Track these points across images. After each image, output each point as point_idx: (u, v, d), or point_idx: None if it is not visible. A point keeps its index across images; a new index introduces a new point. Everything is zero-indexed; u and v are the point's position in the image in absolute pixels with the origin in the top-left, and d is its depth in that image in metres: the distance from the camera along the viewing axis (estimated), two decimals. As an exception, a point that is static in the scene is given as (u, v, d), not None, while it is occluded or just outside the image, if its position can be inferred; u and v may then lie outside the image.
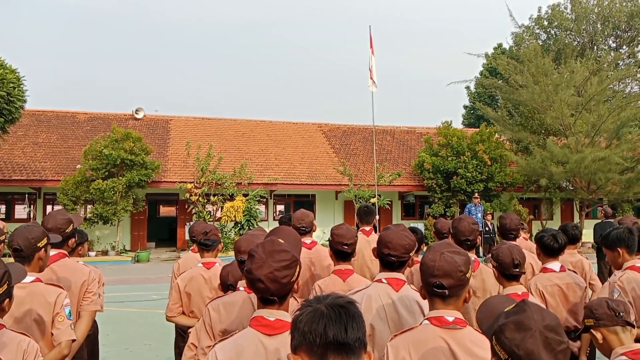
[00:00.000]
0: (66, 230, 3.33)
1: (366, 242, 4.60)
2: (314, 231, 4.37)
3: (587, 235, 17.61)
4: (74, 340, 2.85)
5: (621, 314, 2.27)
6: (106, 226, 19.01)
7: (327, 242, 3.59)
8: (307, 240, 4.26)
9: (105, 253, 18.69)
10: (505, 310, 1.57)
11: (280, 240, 1.97)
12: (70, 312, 2.85)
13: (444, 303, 2.02)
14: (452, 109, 73.27)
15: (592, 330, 2.33)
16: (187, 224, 20.44)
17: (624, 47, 35.48)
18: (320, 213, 22.63)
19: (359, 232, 4.85)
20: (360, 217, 5.11)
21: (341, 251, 3.24)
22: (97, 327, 4.30)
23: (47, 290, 2.82)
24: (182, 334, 4.08)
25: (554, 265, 3.74)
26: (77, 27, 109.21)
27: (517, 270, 2.97)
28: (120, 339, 7.52)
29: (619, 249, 3.45)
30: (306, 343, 1.34)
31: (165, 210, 28.49)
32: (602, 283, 7.74)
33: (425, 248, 4.69)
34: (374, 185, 19.95)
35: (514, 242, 3.97)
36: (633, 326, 2.31)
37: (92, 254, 18.00)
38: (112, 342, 7.21)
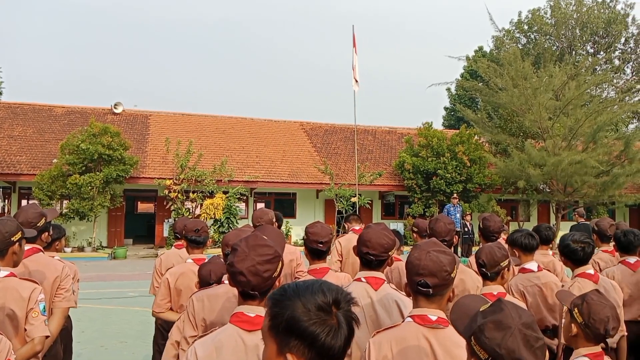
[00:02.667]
0: (38, 224, 3.26)
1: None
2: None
3: (563, 237, 17.88)
4: (47, 337, 2.80)
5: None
6: (82, 222, 18.71)
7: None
8: None
9: (81, 249, 18.39)
10: (481, 310, 1.56)
11: (264, 236, 1.97)
12: (44, 308, 2.80)
13: (428, 301, 2.03)
14: (432, 110, 74.00)
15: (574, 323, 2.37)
16: (166, 220, 20.24)
17: (602, 52, 36.22)
18: (301, 212, 22.61)
19: (350, 232, 5.15)
20: (348, 220, 5.48)
21: (316, 249, 3.22)
22: (70, 323, 4.23)
23: (22, 285, 2.76)
24: (162, 331, 4.03)
25: (532, 265, 3.83)
26: (57, 20, 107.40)
27: (484, 269, 3.03)
28: (95, 336, 7.41)
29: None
30: (303, 342, 1.25)
31: (144, 207, 28.23)
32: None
33: (404, 249, 4.76)
34: (355, 184, 20.00)
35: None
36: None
37: (68, 249, 17.68)
38: (87, 340, 7.10)
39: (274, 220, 4.53)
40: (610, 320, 2.31)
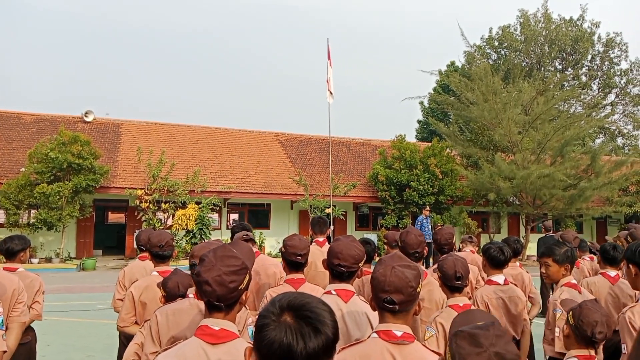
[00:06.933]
0: None
1: (320, 253, 4.61)
2: (254, 242, 4.48)
3: (532, 248, 18.27)
4: (4, 352, 2.73)
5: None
6: (50, 232, 18.27)
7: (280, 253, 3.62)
8: None
9: (49, 260, 17.95)
10: (477, 323, 1.56)
11: (234, 249, 1.98)
12: (2, 322, 2.73)
13: (394, 317, 2.02)
14: (406, 123, 74.66)
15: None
16: (136, 231, 19.90)
17: (569, 69, 37.30)
18: (275, 222, 22.53)
19: (313, 243, 4.92)
20: (314, 227, 5.20)
21: (294, 262, 3.25)
22: (35, 336, 4.12)
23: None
24: (126, 344, 3.97)
25: (499, 278, 3.88)
26: (26, 24, 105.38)
27: (459, 282, 3.03)
28: (61, 349, 7.23)
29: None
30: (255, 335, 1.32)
31: (114, 217, 27.73)
32: (547, 295, 8.03)
33: (377, 259, 4.78)
34: (329, 195, 20.05)
35: (461, 255, 4.11)
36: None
37: (35, 260, 17.27)
38: (53, 353, 6.93)
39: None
40: (597, 324, 2.52)
